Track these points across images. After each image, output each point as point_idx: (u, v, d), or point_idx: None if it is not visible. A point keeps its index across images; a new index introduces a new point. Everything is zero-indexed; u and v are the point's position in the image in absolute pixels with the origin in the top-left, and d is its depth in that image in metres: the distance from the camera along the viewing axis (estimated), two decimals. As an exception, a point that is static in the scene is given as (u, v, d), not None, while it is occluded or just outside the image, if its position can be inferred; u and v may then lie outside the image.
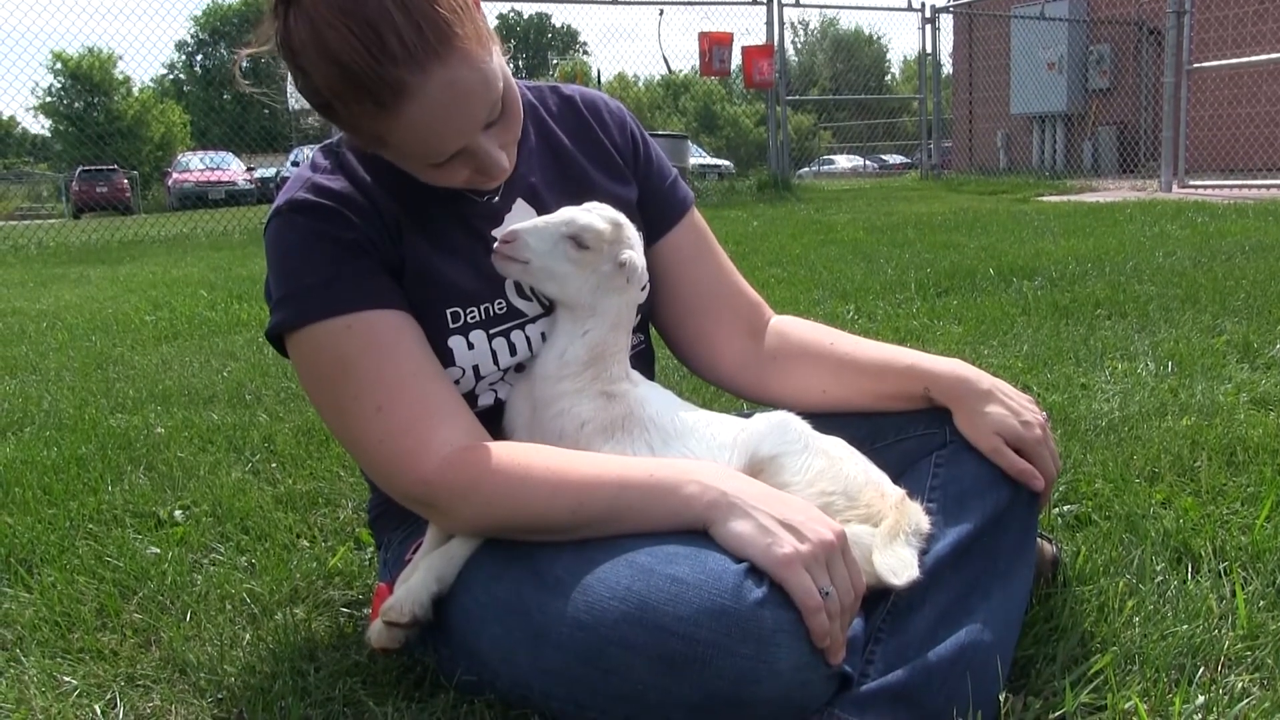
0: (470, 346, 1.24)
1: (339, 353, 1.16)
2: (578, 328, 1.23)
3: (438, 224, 1.26)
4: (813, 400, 1.34)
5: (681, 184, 1.47)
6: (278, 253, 1.21)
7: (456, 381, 1.24)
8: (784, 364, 1.40)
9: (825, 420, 1.27)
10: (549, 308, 1.30)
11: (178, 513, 1.94)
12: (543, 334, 1.29)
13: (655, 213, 1.43)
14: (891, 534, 1.12)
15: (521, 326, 1.28)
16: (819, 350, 1.38)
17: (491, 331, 1.25)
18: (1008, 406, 1.24)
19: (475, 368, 1.25)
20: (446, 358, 1.23)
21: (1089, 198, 9.36)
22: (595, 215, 1.22)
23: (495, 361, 1.26)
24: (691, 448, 1.19)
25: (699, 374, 1.49)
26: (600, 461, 1.13)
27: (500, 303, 1.27)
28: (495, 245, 1.20)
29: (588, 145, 1.40)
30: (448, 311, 1.24)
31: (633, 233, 1.26)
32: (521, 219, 1.29)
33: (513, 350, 1.27)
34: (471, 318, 1.25)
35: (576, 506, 1.08)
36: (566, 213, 1.23)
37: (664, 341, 1.52)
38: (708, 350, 1.44)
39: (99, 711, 1.21)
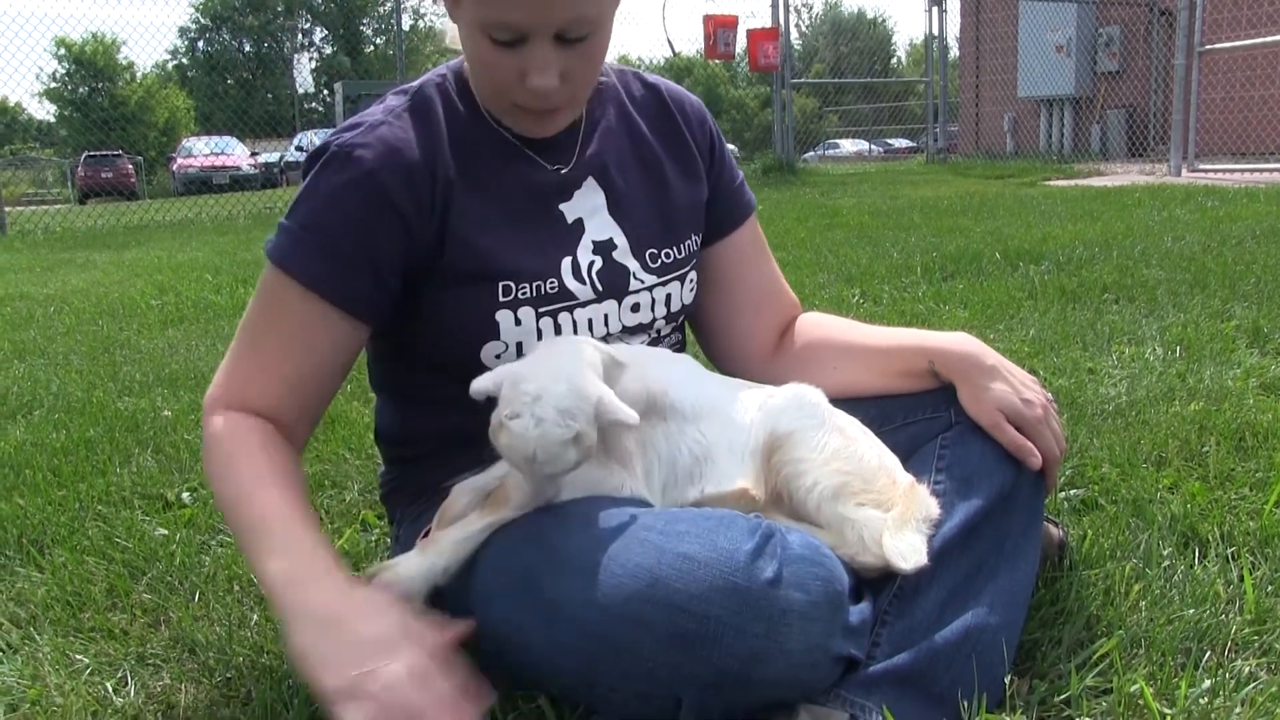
0: (518, 323, 1.23)
1: (283, 305, 1.21)
2: None
3: (504, 189, 1.25)
4: (821, 381, 1.34)
5: (747, 187, 1.48)
6: (310, 188, 1.20)
7: (498, 356, 1.24)
8: (802, 355, 1.41)
9: (838, 402, 1.28)
10: (601, 294, 1.28)
11: (185, 495, 1.95)
12: (590, 320, 1.26)
13: (722, 213, 1.43)
14: (902, 520, 1.12)
15: (571, 310, 1.26)
16: (829, 342, 1.40)
17: (540, 310, 1.23)
18: (1010, 384, 1.24)
19: (519, 345, 1.24)
20: (491, 330, 1.22)
21: (1097, 182, 9.32)
22: (564, 456, 1.03)
23: (540, 340, 1.24)
24: (705, 430, 1.19)
25: (729, 369, 1.46)
26: (278, 503, 1.10)
27: (553, 282, 1.24)
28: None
29: (667, 136, 1.39)
30: (500, 284, 1.22)
31: (571, 395, 1.04)
32: (591, 198, 1.29)
33: (559, 332, 1.25)
34: (523, 293, 1.23)
35: (231, 521, 1.14)
36: (547, 470, 1.05)
37: (698, 335, 1.51)
38: (746, 348, 1.44)
39: (110, 689, 1.21)
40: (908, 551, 1.09)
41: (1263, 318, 2.89)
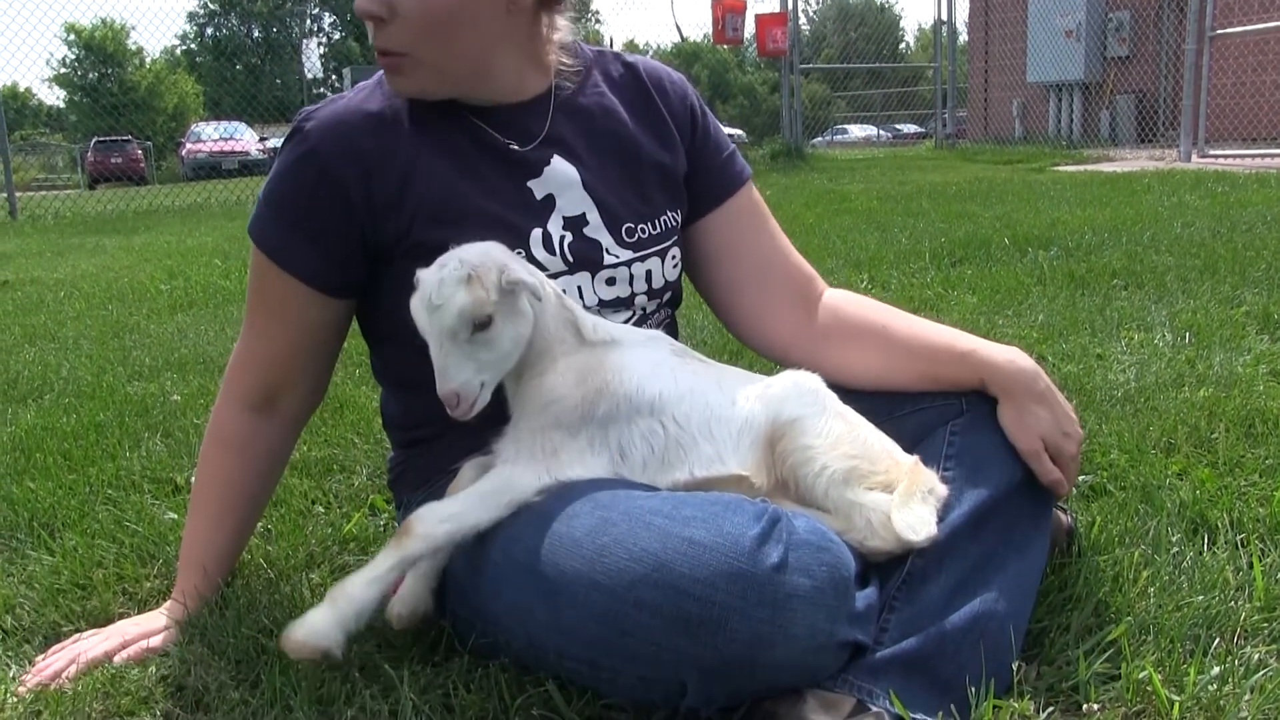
0: None
1: (261, 277, 1.33)
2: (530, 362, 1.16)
3: (470, 164, 1.28)
4: (867, 381, 1.33)
5: (739, 158, 1.48)
6: (279, 163, 1.28)
7: None
8: (838, 341, 1.38)
9: (843, 390, 1.28)
10: (572, 265, 1.29)
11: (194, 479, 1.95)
12: (564, 290, 1.27)
13: (710, 183, 1.44)
14: (908, 494, 1.12)
15: None
16: (874, 330, 1.36)
17: None
18: (1055, 413, 1.22)
19: None
20: None
21: (1106, 167, 9.26)
22: (455, 295, 1.06)
23: None
24: (678, 419, 1.17)
25: (752, 346, 1.49)
26: (193, 538, 1.38)
27: (520, 252, 1.26)
28: (455, 416, 1.10)
29: (643, 112, 1.41)
30: None
31: (480, 255, 1.11)
32: (563, 174, 1.31)
33: None
34: None
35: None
36: (440, 319, 1.08)
37: (716, 315, 1.51)
38: (760, 321, 1.44)
39: (120, 672, 1.22)
40: (916, 524, 1.09)
41: (1273, 304, 2.87)
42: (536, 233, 1.28)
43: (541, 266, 1.27)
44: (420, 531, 1.10)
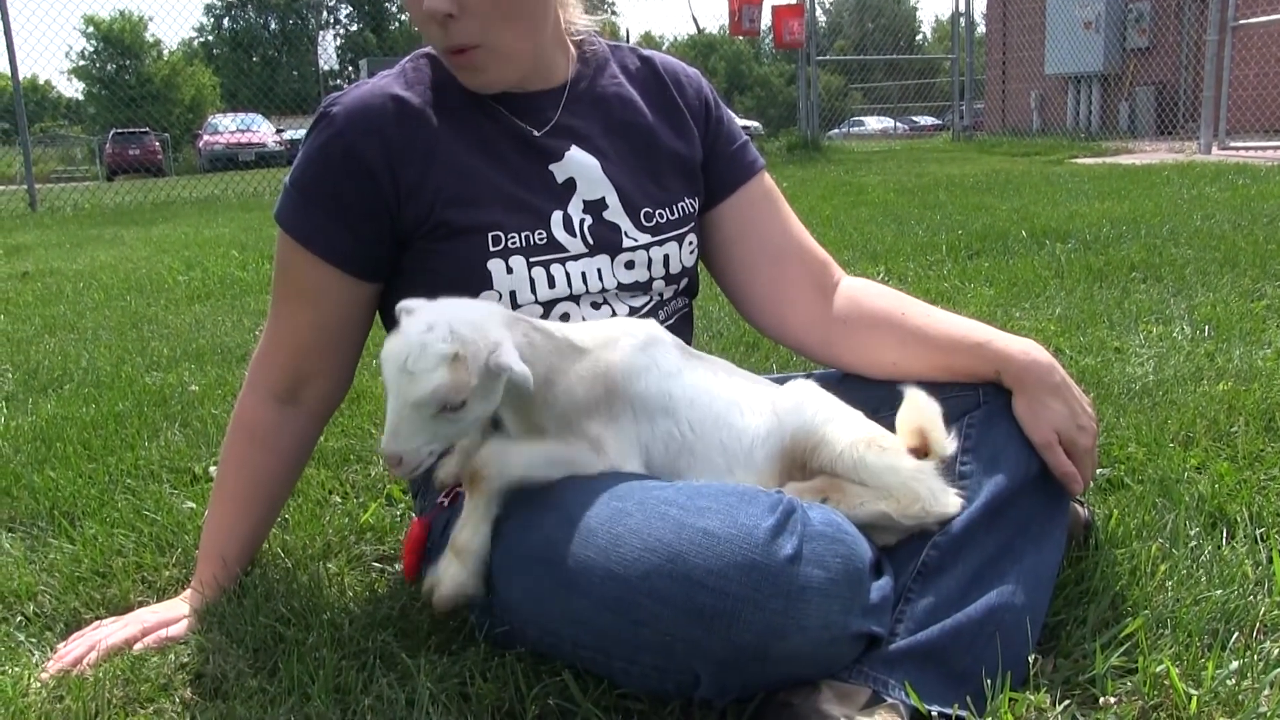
0: (509, 271, 1.27)
1: (287, 263, 1.33)
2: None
3: (491, 148, 1.30)
4: (882, 371, 1.33)
5: (751, 148, 1.50)
6: (305, 148, 1.30)
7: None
8: (854, 329, 1.38)
9: (853, 381, 1.27)
10: (592, 248, 1.30)
11: (212, 469, 1.96)
12: (583, 273, 1.29)
13: (724, 172, 1.46)
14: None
15: (562, 262, 1.30)
16: (890, 320, 1.36)
17: (531, 260, 1.28)
18: (1070, 407, 1.22)
19: (512, 294, 1.27)
20: (485, 280, 1.27)
21: (1125, 159, 9.19)
22: (435, 372, 0.99)
23: (533, 291, 1.28)
24: (691, 421, 1.18)
25: (767, 333, 1.50)
26: (216, 526, 1.38)
27: (541, 233, 1.29)
28: (393, 474, 1.10)
29: (659, 103, 1.44)
30: (490, 235, 1.27)
31: (473, 329, 1.04)
32: (583, 159, 1.33)
33: (551, 283, 1.29)
34: (512, 243, 1.27)
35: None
36: (411, 388, 1.00)
37: (732, 301, 1.52)
38: (776, 307, 1.44)
39: (140, 659, 1.23)
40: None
41: (1295, 297, 2.85)
42: (557, 215, 1.30)
43: (561, 246, 1.29)
44: (492, 474, 1.11)
